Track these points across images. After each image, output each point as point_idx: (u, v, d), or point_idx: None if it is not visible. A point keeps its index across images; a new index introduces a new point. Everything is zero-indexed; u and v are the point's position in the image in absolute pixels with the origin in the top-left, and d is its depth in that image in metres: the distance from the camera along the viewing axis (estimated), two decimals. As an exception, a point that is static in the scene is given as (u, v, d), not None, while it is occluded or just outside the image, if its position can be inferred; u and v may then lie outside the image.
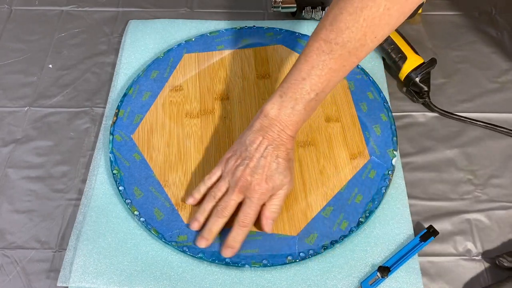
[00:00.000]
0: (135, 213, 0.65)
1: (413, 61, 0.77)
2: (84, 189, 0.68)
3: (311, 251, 0.62)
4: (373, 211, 0.65)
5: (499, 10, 0.89)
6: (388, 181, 0.68)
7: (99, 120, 0.75)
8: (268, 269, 0.62)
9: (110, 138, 0.71)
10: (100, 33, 0.86)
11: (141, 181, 0.68)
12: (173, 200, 0.66)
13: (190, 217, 0.65)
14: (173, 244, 0.63)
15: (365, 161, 0.70)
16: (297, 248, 0.63)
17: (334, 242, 0.63)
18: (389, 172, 0.68)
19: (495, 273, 0.62)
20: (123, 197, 0.66)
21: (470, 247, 0.65)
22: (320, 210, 0.66)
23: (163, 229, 0.64)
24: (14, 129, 0.74)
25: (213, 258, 0.62)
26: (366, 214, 0.65)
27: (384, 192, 0.67)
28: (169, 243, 0.63)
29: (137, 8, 0.90)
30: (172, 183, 0.68)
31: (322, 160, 0.70)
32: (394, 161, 0.69)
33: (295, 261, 0.62)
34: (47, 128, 0.75)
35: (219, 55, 0.81)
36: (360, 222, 0.64)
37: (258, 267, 0.62)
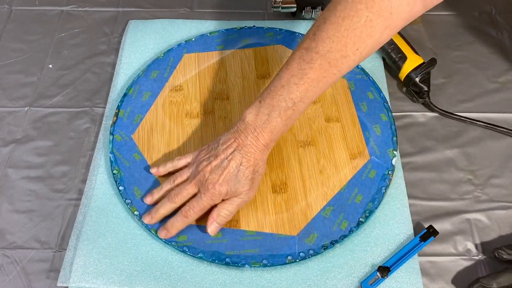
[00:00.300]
0: (135, 213, 0.65)
1: (413, 61, 0.77)
2: (84, 189, 0.68)
3: (311, 251, 0.62)
4: (373, 211, 0.65)
5: (499, 10, 0.89)
6: (388, 181, 0.68)
7: (99, 120, 0.75)
8: (268, 269, 0.62)
9: (110, 138, 0.71)
10: (100, 33, 0.86)
11: (141, 181, 0.68)
12: (173, 200, 0.66)
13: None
14: (173, 244, 0.63)
15: (365, 161, 0.70)
16: (297, 248, 0.63)
17: (334, 242, 0.63)
18: (389, 172, 0.68)
19: (495, 270, 0.62)
20: (123, 197, 0.66)
21: (470, 247, 0.65)
22: (320, 210, 0.66)
23: (163, 229, 0.64)
24: (14, 129, 0.74)
25: (213, 258, 0.62)
26: (366, 214, 0.65)
27: (384, 192, 0.67)
28: (169, 243, 0.63)
29: (137, 8, 0.90)
30: (172, 183, 0.68)
31: (322, 160, 0.70)
32: (394, 161, 0.69)
33: (295, 261, 0.62)
34: (47, 128, 0.75)
35: (219, 55, 0.81)
36: (360, 222, 0.64)
37: (258, 267, 0.62)
